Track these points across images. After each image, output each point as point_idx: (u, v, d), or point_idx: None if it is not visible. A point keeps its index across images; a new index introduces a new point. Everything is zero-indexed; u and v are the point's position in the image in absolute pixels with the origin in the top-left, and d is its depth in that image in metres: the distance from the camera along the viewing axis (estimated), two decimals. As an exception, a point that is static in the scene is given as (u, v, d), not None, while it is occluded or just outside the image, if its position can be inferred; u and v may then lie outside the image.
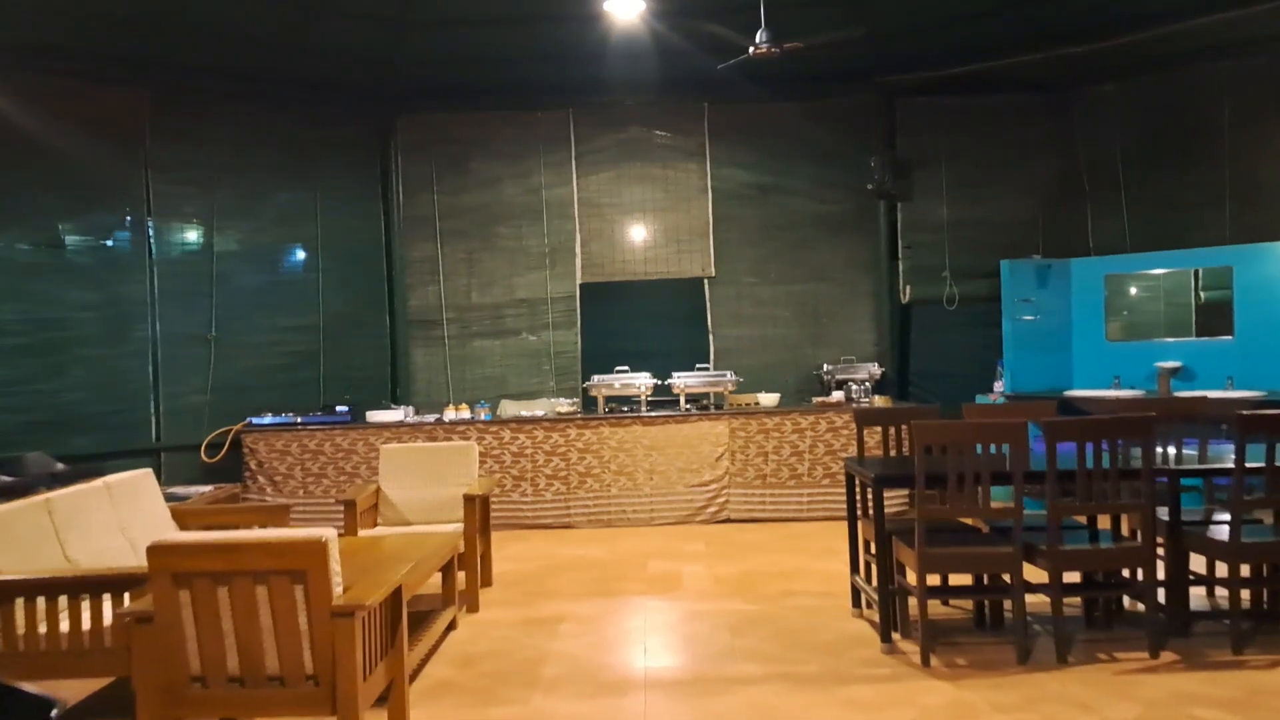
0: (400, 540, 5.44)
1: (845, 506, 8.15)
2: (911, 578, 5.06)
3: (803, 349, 9.91)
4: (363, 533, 5.99)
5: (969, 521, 5.35)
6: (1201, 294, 8.88)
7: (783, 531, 8.01)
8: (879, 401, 8.62)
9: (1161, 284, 9.09)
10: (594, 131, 9.97)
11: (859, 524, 5.68)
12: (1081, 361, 9.28)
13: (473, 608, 5.87)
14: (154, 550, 3.38)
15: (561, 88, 9.65)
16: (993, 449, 4.81)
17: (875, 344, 9.88)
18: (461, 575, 5.87)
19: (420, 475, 6.49)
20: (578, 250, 9.94)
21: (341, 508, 6.06)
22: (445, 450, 6.60)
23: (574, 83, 9.50)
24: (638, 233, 9.97)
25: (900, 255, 9.79)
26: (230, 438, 8.66)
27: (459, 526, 5.99)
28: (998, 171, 9.75)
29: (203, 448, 8.62)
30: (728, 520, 8.41)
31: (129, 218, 8.56)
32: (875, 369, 9.35)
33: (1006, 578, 4.94)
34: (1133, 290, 9.24)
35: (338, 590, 3.49)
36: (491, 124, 9.97)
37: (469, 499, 5.90)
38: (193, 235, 8.97)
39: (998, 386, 9.18)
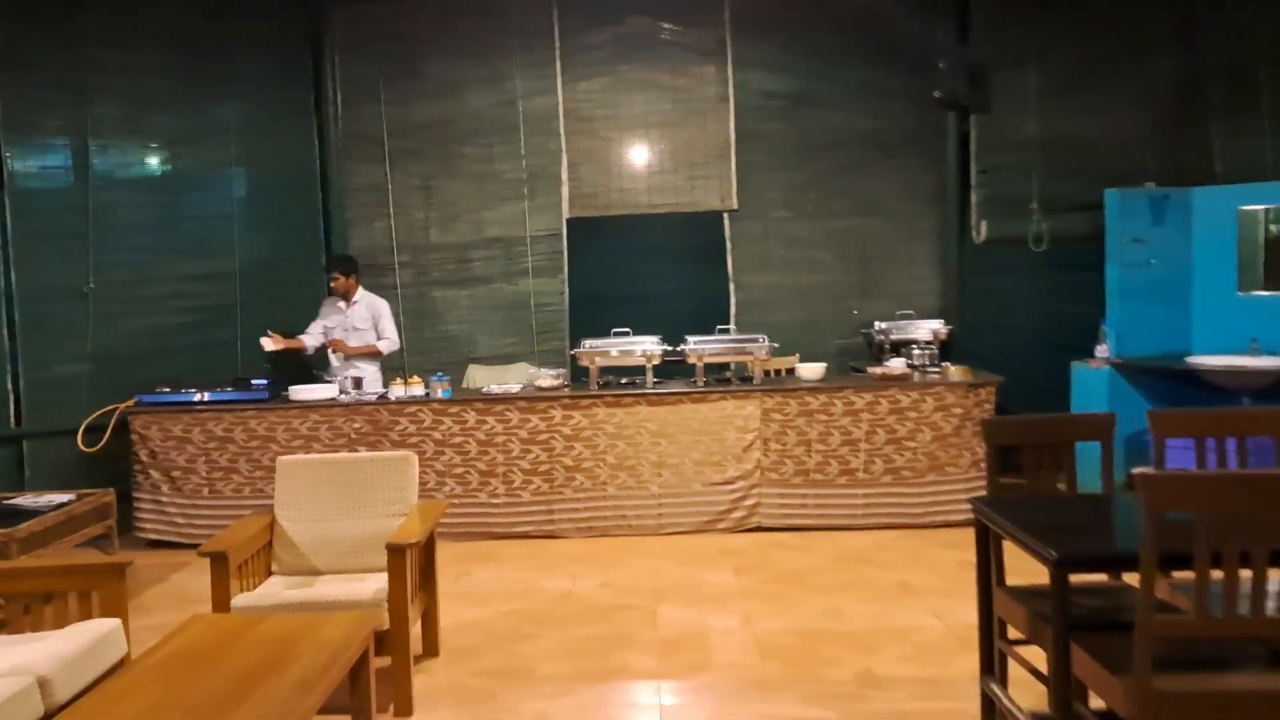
0: (282, 630, 3.48)
1: (913, 511, 6.36)
2: (1096, 701, 3.12)
3: (848, 301, 7.99)
4: (240, 600, 4.02)
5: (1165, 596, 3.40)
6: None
7: (834, 548, 6.09)
8: (955, 372, 6.64)
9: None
10: (584, 24, 7.92)
11: (994, 596, 3.71)
12: (1204, 318, 7.29)
13: (403, 709, 3.94)
14: None
15: (542, -35, 7.56)
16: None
17: (940, 295, 7.95)
18: (389, 660, 3.93)
19: (334, 500, 4.52)
20: (564, 176, 8.00)
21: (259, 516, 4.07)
22: (370, 464, 4.60)
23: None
24: (639, 155, 8.03)
25: (974, 183, 7.78)
26: (115, 420, 6.67)
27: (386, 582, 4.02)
28: (1102, 76, 7.62)
29: (80, 434, 6.63)
30: (758, 528, 6.50)
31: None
32: (941, 327, 7.39)
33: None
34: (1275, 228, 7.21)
35: None
36: (451, 14, 7.90)
37: (396, 551, 3.92)
38: (60, 158, 6.91)
39: (1100, 350, 7.21)
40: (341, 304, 7.16)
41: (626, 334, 6.73)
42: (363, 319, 7.16)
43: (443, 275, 8.09)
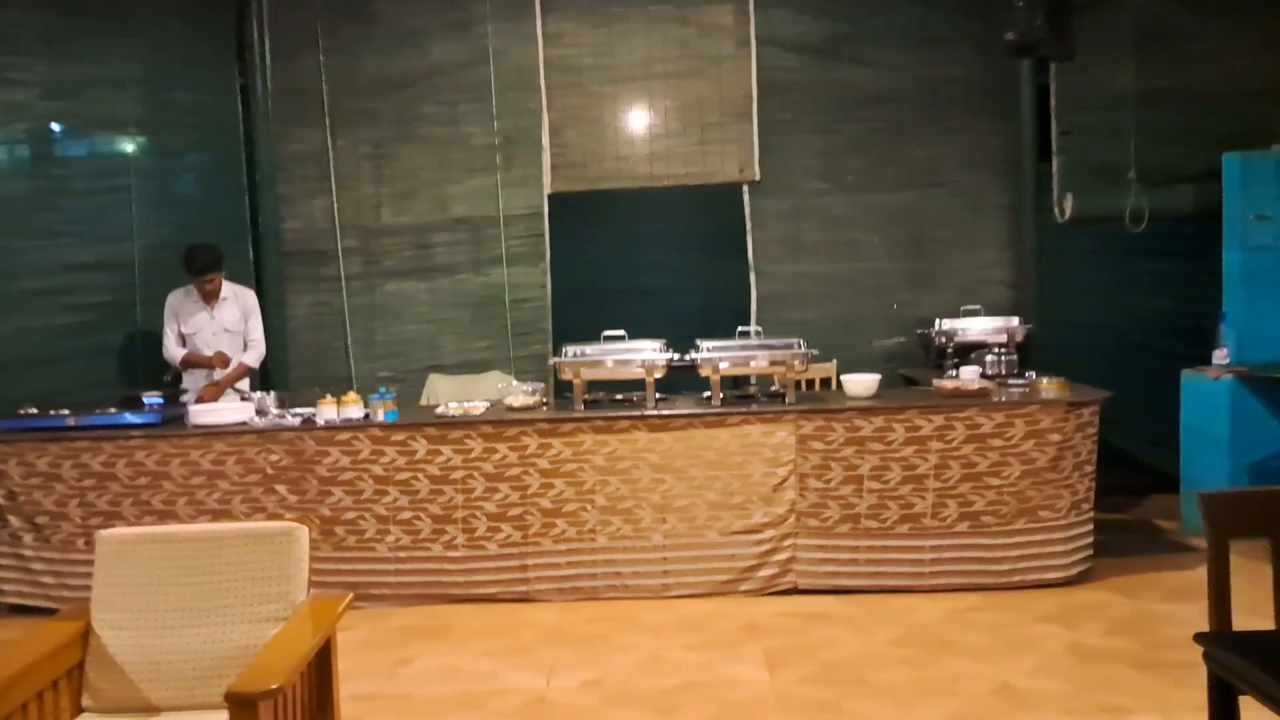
0: None
1: (998, 569, 4.89)
2: None
3: (897, 294, 6.75)
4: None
5: None
6: None
7: (897, 621, 4.64)
8: (1048, 387, 5.16)
9: None
10: (570, -47, 6.70)
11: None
12: (1347, 315, 5.92)
13: None
14: None
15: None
16: None
17: (1013, 286, 6.69)
18: None
19: (180, 598, 3.06)
20: (545, 142, 6.76)
21: None
22: (235, 541, 3.12)
23: None
24: (639, 115, 6.83)
25: (1055, 148, 6.43)
26: (-36, 450, 5.24)
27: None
28: (1217, 13, 6.29)
29: (-79, 468, 5.21)
30: (793, 591, 5.04)
31: None
32: (1017, 326, 6.05)
33: None
34: None
35: None
36: (407, -59, 6.67)
37: (241, 706, 2.43)
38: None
39: (1218, 356, 5.81)
40: (204, 304, 5.78)
41: (621, 338, 5.29)
42: (234, 319, 5.82)
43: (397, 264, 6.84)
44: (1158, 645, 4.21)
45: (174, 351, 5.76)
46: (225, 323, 5.75)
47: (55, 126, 5.91)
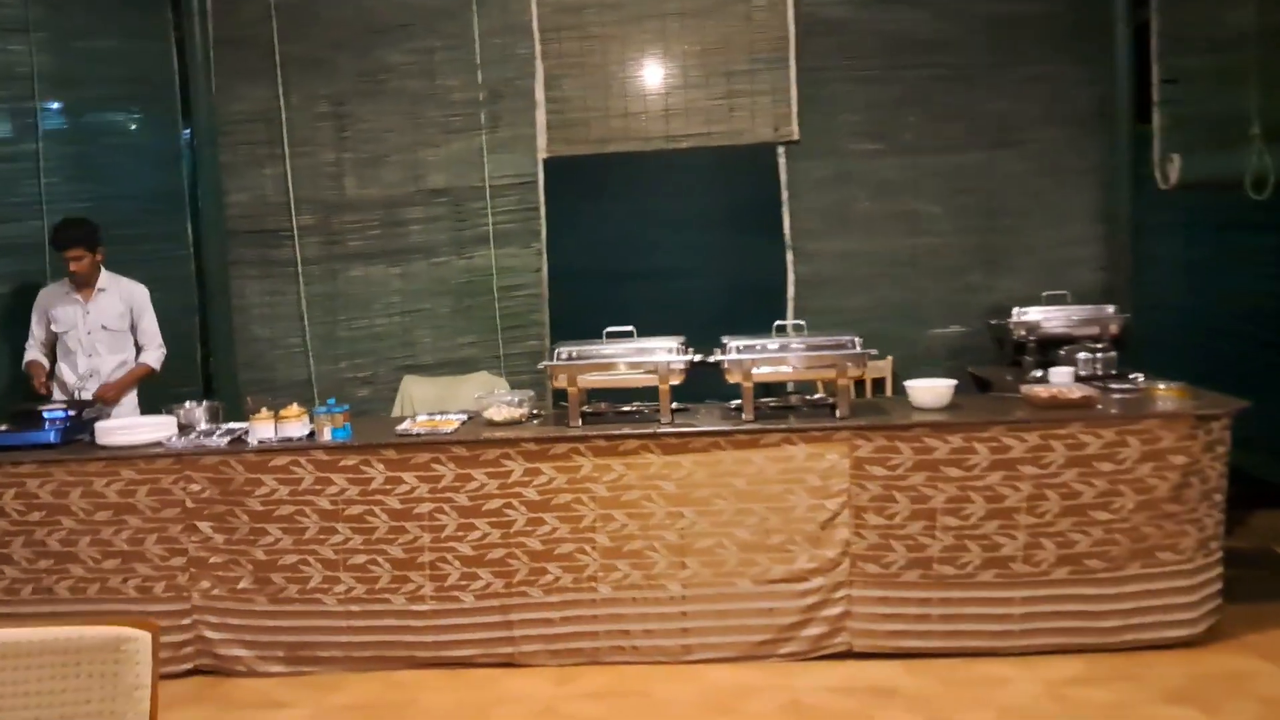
0: None
1: (1106, 625, 3.89)
2: None
3: (965, 276, 5.83)
4: None
5: None
6: None
7: (984, 698, 3.68)
8: (1165, 393, 4.14)
9: None
10: None
11: None
12: None
13: None
14: None
15: None
16: None
17: (1104, 268, 5.70)
18: None
19: None
20: (539, 97, 5.93)
21: None
22: (38, 655, 2.12)
23: None
24: (652, 63, 5.98)
25: (1157, 99, 5.50)
26: None
27: None
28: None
29: None
30: (848, 654, 4.07)
31: None
32: (1111, 316, 5.10)
33: None
34: None
35: None
36: None
37: None
38: None
39: (1367, 353, 4.73)
40: (78, 295, 4.86)
41: (629, 335, 4.31)
42: (115, 316, 4.90)
43: (364, 245, 6.02)
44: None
45: (29, 352, 4.89)
46: (103, 319, 4.83)
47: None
